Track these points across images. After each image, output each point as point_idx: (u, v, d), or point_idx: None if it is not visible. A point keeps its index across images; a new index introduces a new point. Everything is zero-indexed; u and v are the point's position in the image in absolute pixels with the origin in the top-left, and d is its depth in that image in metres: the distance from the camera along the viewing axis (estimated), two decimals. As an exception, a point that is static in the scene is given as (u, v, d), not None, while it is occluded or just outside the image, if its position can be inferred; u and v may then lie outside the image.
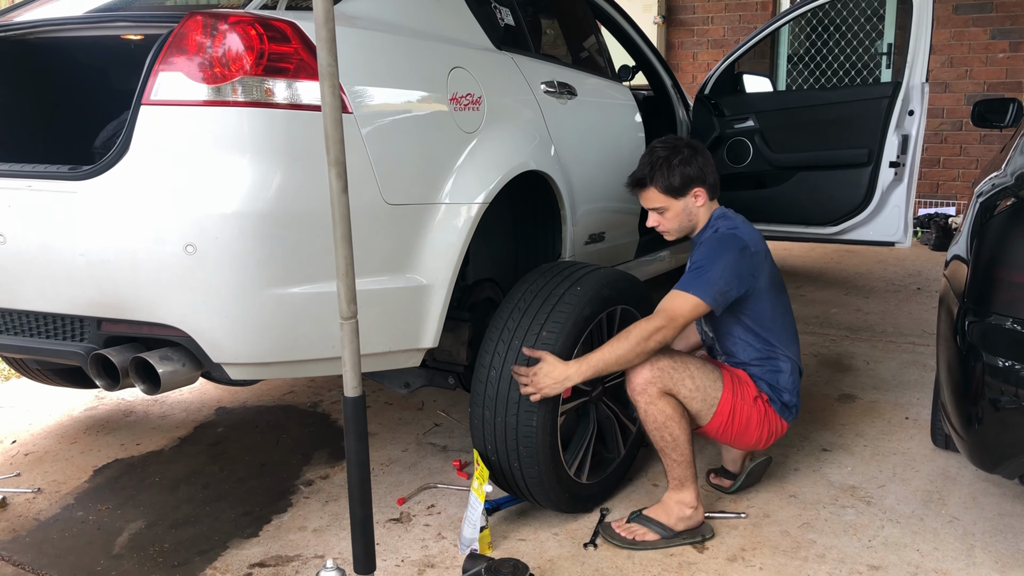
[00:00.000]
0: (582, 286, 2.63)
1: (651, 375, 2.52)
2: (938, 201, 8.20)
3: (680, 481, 2.59)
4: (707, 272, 2.54)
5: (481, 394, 2.58)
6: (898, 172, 4.22)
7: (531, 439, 2.51)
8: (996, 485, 2.90)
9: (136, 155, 2.05)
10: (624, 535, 2.57)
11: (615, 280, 2.75)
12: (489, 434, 2.58)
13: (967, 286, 2.37)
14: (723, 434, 2.68)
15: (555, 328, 2.53)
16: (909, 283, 6.03)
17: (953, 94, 7.99)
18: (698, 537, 2.59)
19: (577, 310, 2.58)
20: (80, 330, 2.23)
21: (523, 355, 2.51)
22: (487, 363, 2.58)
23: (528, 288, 2.66)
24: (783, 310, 2.77)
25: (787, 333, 2.76)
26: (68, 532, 2.73)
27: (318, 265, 2.14)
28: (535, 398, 2.47)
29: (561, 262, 2.84)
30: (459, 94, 2.59)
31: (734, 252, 2.58)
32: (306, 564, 2.52)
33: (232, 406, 3.82)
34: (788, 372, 2.73)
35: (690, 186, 2.68)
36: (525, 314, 2.59)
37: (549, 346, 2.51)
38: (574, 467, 2.69)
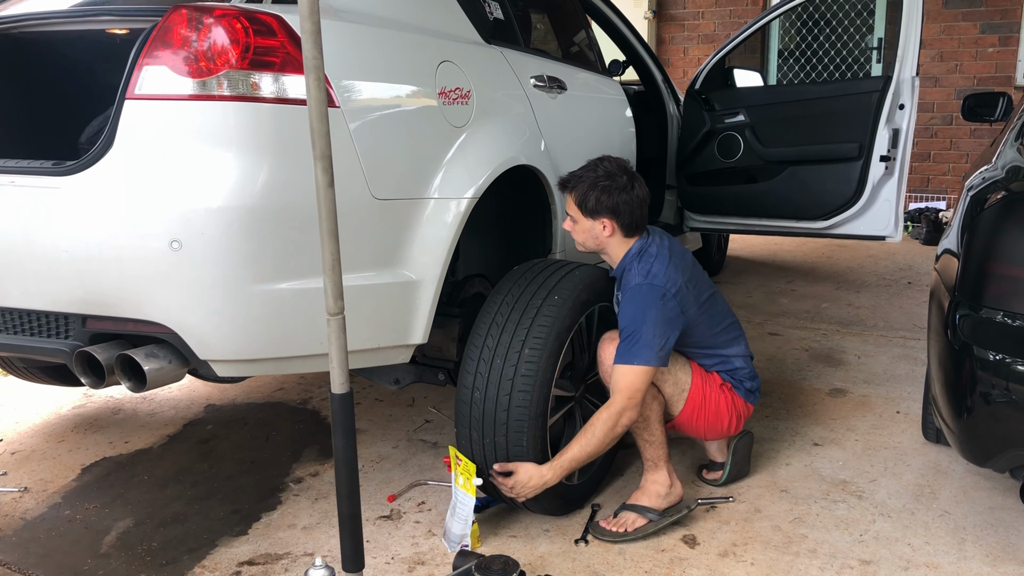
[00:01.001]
0: (560, 295, 2.57)
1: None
2: (929, 195, 8.22)
3: (654, 462, 2.65)
4: (640, 336, 2.48)
5: (466, 415, 2.54)
6: (889, 166, 4.21)
7: (522, 457, 2.49)
8: (987, 479, 2.90)
9: (121, 150, 2.03)
10: (615, 529, 2.57)
11: (590, 281, 2.68)
12: (479, 454, 2.54)
13: (958, 280, 2.36)
14: (696, 422, 2.72)
15: (537, 345, 2.48)
16: (900, 277, 6.03)
17: (943, 88, 8.00)
18: (683, 510, 2.64)
19: (557, 322, 2.52)
20: (65, 327, 2.21)
21: (507, 372, 2.46)
22: (470, 384, 2.52)
23: (504, 299, 2.59)
24: (719, 319, 2.78)
25: (729, 336, 2.81)
26: (55, 531, 2.71)
27: (306, 260, 2.12)
28: (513, 495, 2.49)
29: (533, 264, 2.75)
30: (448, 88, 2.57)
31: (656, 305, 2.51)
32: (295, 562, 2.51)
33: (221, 403, 3.80)
34: (741, 365, 2.82)
35: (600, 214, 2.62)
36: (504, 330, 2.52)
37: (533, 364, 2.44)
38: None
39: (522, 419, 2.46)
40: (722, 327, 2.79)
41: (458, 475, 2.51)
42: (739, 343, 2.83)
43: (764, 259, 6.73)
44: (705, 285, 2.76)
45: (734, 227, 4.78)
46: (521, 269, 2.73)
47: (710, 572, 2.41)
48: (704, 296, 2.72)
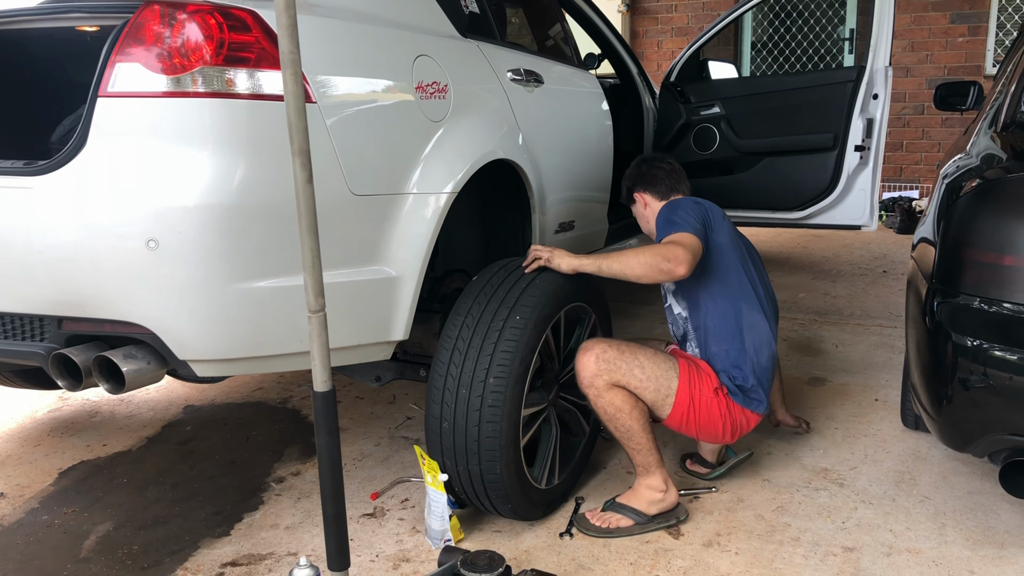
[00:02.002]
0: (521, 314, 2.46)
1: (597, 368, 2.50)
2: (902, 185, 8.29)
3: (645, 467, 2.59)
4: (674, 218, 2.60)
5: (438, 444, 2.48)
6: (863, 156, 4.25)
7: (497, 484, 2.44)
8: (966, 464, 2.93)
9: (94, 149, 1.99)
10: (599, 524, 2.57)
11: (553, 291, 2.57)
12: (454, 476, 2.50)
13: (935, 267, 2.38)
14: (687, 426, 2.63)
15: (502, 373, 2.40)
16: (875, 266, 6.09)
17: (915, 78, 8.07)
18: (672, 520, 2.59)
19: (521, 345, 2.43)
20: (40, 330, 2.17)
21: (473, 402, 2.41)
22: (438, 414, 2.46)
23: (464, 321, 2.49)
24: (748, 276, 2.72)
25: (757, 302, 2.70)
26: (33, 537, 2.67)
27: (284, 258, 2.10)
28: (550, 264, 2.58)
29: (491, 276, 2.61)
30: (425, 83, 2.55)
31: (687, 204, 2.70)
32: (279, 562, 2.49)
33: (200, 404, 3.77)
34: (750, 357, 2.65)
35: (632, 192, 2.94)
36: (467, 357, 2.44)
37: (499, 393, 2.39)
38: (544, 479, 2.64)
39: (494, 448, 2.41)
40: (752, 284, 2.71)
41: (426, 473, 2.50)
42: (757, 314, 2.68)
43: (741, 250, 6.75)
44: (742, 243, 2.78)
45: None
46: (479, 282, 2.59)
47: (695, 563, 2.42)
48: (738, 242, 2.76)
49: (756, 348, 2.67)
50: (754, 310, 2.69)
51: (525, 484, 2.53)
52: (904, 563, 2.38)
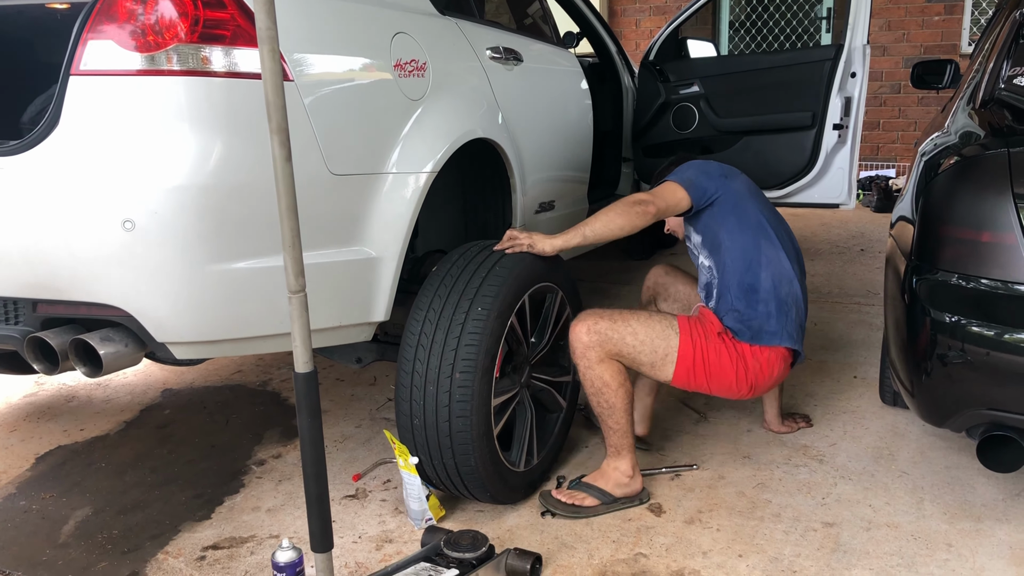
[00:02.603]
0: (483, 305, 2.41)
1: (588, 340, 2.50)
2: (879, 163, 8.34)
3: (616, 449, 2.59)
4: (682, 171, 2.72)
5: (411, 440, 2.46)
6: (841, 134, 4.26)
7: (473, 475, 2.43)
8: (943, 439, 2.96)
9: (67, 128, 1.96)
10: (565, 500, 2.56)
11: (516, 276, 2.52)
12: (431, 471, 2.49)
13: (913, 244, 2.40)
14: (695, 380, 2.58)
15: (468, 367, 2.38)
16: (853, 245, 6.12)
17: (891, 57, 8.10)
18: (636, 501, 2.61)
19: (485, 338, 2.40)
20: (14, 313, 2.14)
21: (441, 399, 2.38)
22: (408, 411, 2.45)
23: (426, 316, 2.45)
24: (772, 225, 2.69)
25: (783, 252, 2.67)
26: (10, 523, 2.64)
27: (263, 238, 2.08)
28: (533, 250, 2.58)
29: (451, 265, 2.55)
30: (403, 60, 2.52)
31: (697, 162, 2.81)
32: (261, 544, 2.48)
33: (179, 387, 3.74)
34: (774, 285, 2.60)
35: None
36: (431, 353, 2.40)
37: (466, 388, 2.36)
38: (521, 462, 2.64)
39: (466, 442, 2.40)
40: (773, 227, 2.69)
41: (398, 457, 2.49)
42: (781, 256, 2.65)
43: (720, 230, 6.77)
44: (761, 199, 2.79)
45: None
46: (439, 273, 2.53)
47: (677, 539, 2.43)
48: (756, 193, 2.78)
49: (775, 282, 2.62)
50: (773, 246, 2.66)
51: (502, 471, 2.53)
52: (883, 537, 2.40)
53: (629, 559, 2.34)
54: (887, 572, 2.24)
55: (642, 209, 2.56)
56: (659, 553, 2.37)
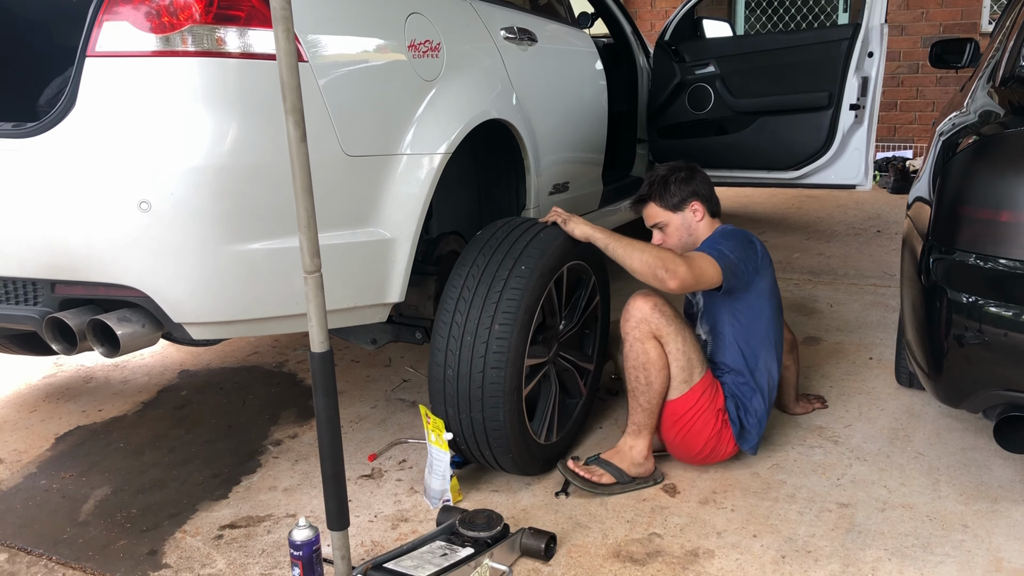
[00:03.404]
0: (527, 264, 2.49)
1: (650, 313, 2.51)
2: (896, 144, 8.27)
3: (638, 428, 2.59)
4: (718, 246, 2.60)
5: (440, 392, 2.50)
6: (858, 115, 4.22)
7: (500, 431, 2.47)
8: (959, 420, 2.95)
9: (83, 110, 1.96)
10: (583, 474, 2.56)
11: (556, 245, 2.60)
12: (455, 426, 2.51)
13: (931, 224, 2.38)
14: (672, 426, 2.63)
15: (507, 320, 2.43)
16: (869, 226, 6.08)
17: (909, 36, 8.02)
18: (650, 481, 2.63)
19: (526, 294, 2.46)
20: (33, 293, 2.16)
21: (478, 349, 2.43)
22: (442, 361, 2.48)
23: (470, 271, 2.52)
24: (776, 326, 2.75)
25: (774, 350, 2.74)
26: (32, 501, 2.67)
27: (278, 219, 2.08)
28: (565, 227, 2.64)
29: (496, 230, 2.64)
30: (417, 41, 2.52)
31: (742, 240, 2.67)
32: (278, 524, 2.50)
33: (195, 368, 3.76)
34: (762, 397, 2.69)
35: (688, 200, 2.76)
36: (472, 305, 2.47)
37: (504, 340, 2.41)
38: (543, 433, 2.67)
39: (497, 395, 2.43)
40: (774, 335, 2.73)
41: (429, 432, 2.51)
42: (773, 364, 2.72)
43: (735, 211, 6.76)
44: (778, 292, 2.81)
45: (706, 179, 4.78)
46: (484, 235, 2.64)
47: (691, 520, 2.43)
48: (776, 293, 2.78)
49: (764, 393, 2.70)
50: (772, 360, 2.73)
51: (526, 435, 2.55)
52: (898, 518, 2.40)
53: (643, 539, 2.35)
54: (902, 552, 2.24)
55: (666, 275, 2.46)
56: (673, 533, 2.37)
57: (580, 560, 2.26)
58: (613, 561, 2.25)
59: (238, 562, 2.31)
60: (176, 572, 2.28)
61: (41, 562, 2.35)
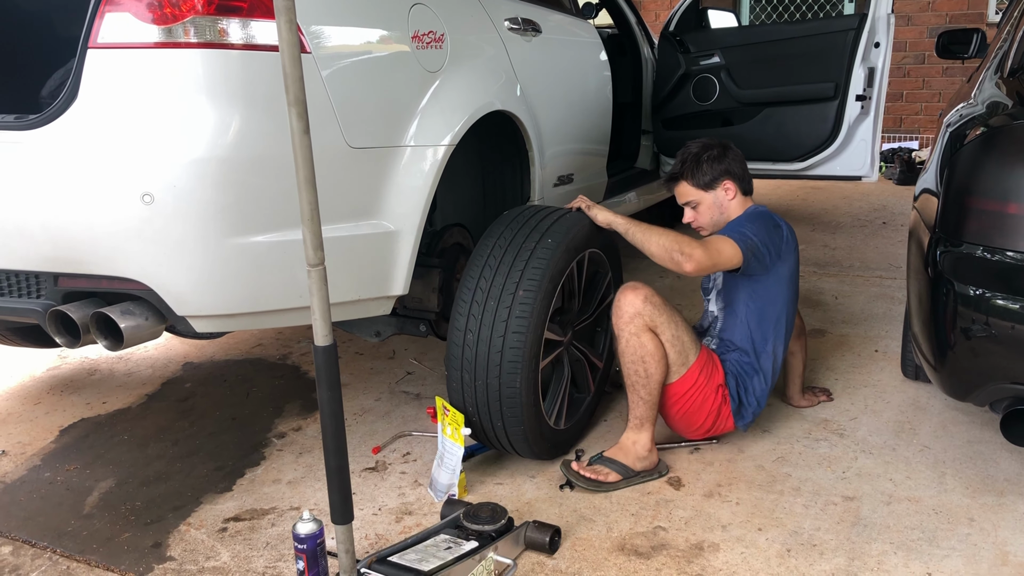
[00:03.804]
0: (552, 238, 2.56)
1: (642, 307, 2.53)
2: (901, 135, 8.23)
3: (640, 421, 2.59)
4: (741, 228, 2.63)
5: (458, 358, 2.53)
6: (864, 105, 4.20)
7: (515, 399, 2.48)
8: (965, 413, 2.94)
9: (85, 102, 1.95)
10: (588, 475, 2.56)
11: (581, 225, 2.68)
12: (469, 396, 2.54)
13: (938, 216, 2.36)
14: (672, 405, 2.66)
15: (531, 287, 2.47)
16: (875, 218, 6.06)
17: (915, 27, 7.97)
18: (655, 474, 2.62)
19: (551, 265, 2.51)
20: (36, 286, 2.15)
21: (500, 313, 2.47)
22: (462, 326, 2.51)
23: (496, 242, 2.58)
24: (789, 312, 2.79)
25: (784, 336, 2.77)
26: (36, 493, 2.68)
27: (281, 212, 2.07)
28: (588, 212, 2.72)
29: (524, 209, 2.75)
30: (421, 32, 2.50)
31: (767, 223, 2.69)
32: (282, 516, 2.50)
33: (199, 361, 3.76)
34: (764, 379, 2.73)
35: (720, 179, 2.77)
36: (497, 272, 2.51)
37: (527, 305, 2.45)
38: (553, 416, 2.68)
39: (516, 360, 2.45)
40: (787, 318, 2.76)
41: (445, 425, 2.50)
42: (780, 346, 2.76)
43: (739, 203, 6.73)
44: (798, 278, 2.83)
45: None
46: (512, 214, 2.71)
47: (696, 513, 2.43)
48: (796, 278, 2.80)
49: (767, 375, 2.74)
50: (780, 344, 2.77)
51: (539, 410, 2.57)
52: (904, 511, 2.39)
53: (648, 532, 2.34)
54: (908, 546, 2.23)
55: (682, 259, 2.50)
56: (678, 526, 2.37)
57: (585, 553, 2.26)
58: (618, 554, 2.25)
59: (242, 555, 2.31)
60: (180, 565, 2.28)
61: (45, 555, 2.35)
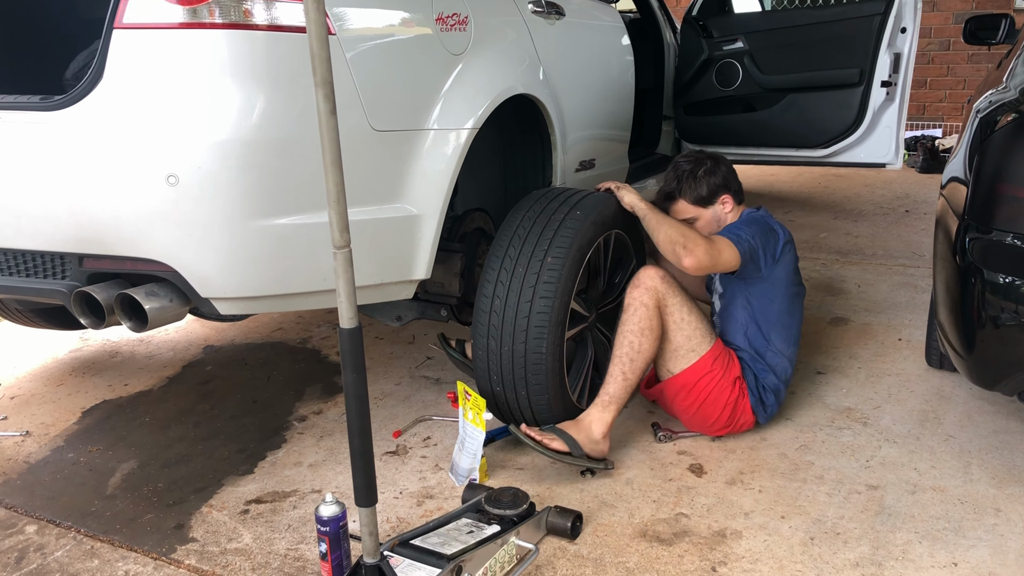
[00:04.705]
0: (581, 210, 2.58)
1: (659, 283, 2.56)
2: (925, 123, 8.14)
3: (610, 399, 2.54)
4: (738, 231, 2.64)
5: (485, 324, 2.54)
6: (890, 92, 4.15)
7: (540, 366, 2.49)
8: (991, 403, 2.91)
9: (111, 83, 1.95)
10: (534, 435, 2.47)
11: (608, 203, 2.70)
12: (495, 364, 2.54)
13: (967, 203, 2.33)
14: (685, 396, 2.64)
15: (559, 253, 2.49)
16: (897, 206, 6.00)
17: (941, 12, 7.86)
18: (601, 465, 2.54)
19: (579, 235, 2.53)
20: (61, 267, 2.16)
21: (528, 279, 2.49)
22: (490, 292, 2.53)
23: (526, 214, 2.61)
24: (795, 314, 2.78)
25: (789, 336, 2.76)
26: (60, 474, 2.69)
27: (305, 195, 2.07)
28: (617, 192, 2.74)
29: (553, 188, 2.77)
30: (445, 14, 2.48)
31: (763, 228, 2.69)
32: (303, 499, 2.50)
33: (220, 344, 3.77)
34: (776, 376, 2.73)
35: (717, 194, 2.80)
36: (526, 241, 2.53)
37: (555, 271, 2.48)
38: (576, 392, 2.67)
39: (543, 326, 2.46)
40: (789, 320, 2.76)
41: (467, 410, 2.49)
42: (789, 349, 2.77)
43: (761, 190, 6.69)
44: (800, 281, 2.83)
45: (732, 157, 4.68)
46: (540, 191, 2.73)
47: (718, 500, 2.42)
48: (797, 282, 2.80)
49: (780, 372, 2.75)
50: (788, 343, 2.77)
51: (563, 380, 2.58)
52: (929, 501, 2.37)
53: (670, 519, 2.33)
54: (933, 536, 2.21)
55: (683, 252, 2.53)
56: (700, 513, 2.35)
57: (606, 539, 2.25)
58: (639, 540, 2.24)
59: (264, 537, 2.32)
60: (203, 546, 2.29)
61: (70, 534, 2.36)
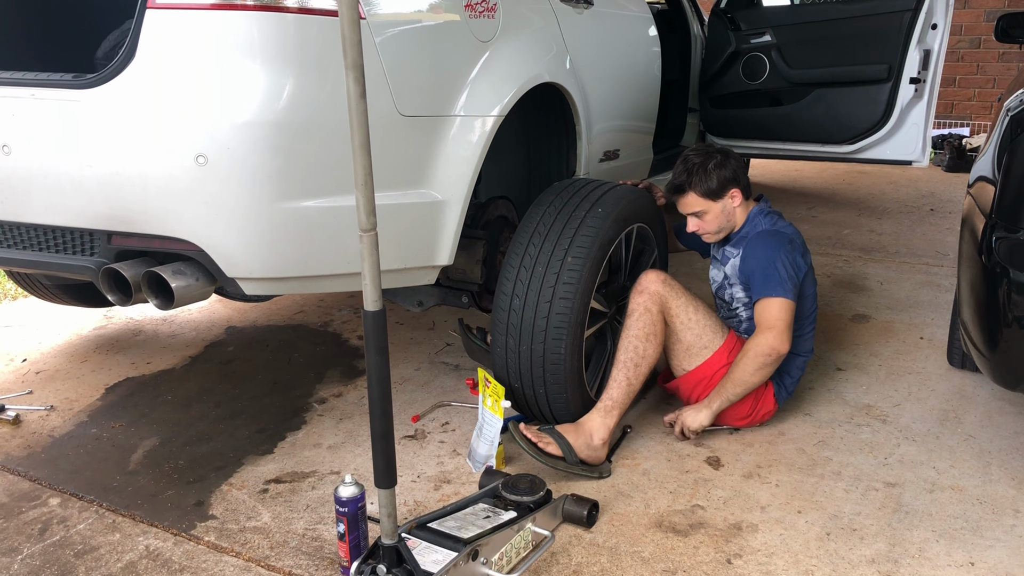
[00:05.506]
0: (603, 207, 2.57)
1: (661, 289, 2.57)
2: (953, 121, 8.06)
3: (612, 404, 2.52)
4: (775, 271, 2.63)
5: (504, 322, 2.54)
6: (918, 89, 4.12)
7: (559, 365, 2.49)
8: (1012, 404, 2.89)
9: (142, 62, 1.97)
10: (530, 437, 2.45)
11: (631, 198, 2.69)
12: (513, 362, 2.55)
13: (995, 202, 2.31)
14: (704, 390, 2.67)
15: (580, 253, 2.48)
16: (922, 204, 5.96)
17: (972, 10, 7.77)
18: (595, 473, 2.50)
19: (601, 233, 2.52)
20: (90, 244, 2.19)
21: (548, 279, 2.47)
22: (509, 291, 2.53)
23: (547, 210, 2.60)
24: (811, 298, 2.80)
25: (807, 326, 2.80)
26: (83, 448, 2.73)
27: (332, 178, 2.08)
28: (679, 418, 2.66)
29: (574, 180, 2.77)
30: (474, 1, 2.49)
31: (784, 247, 2.68)
32: (322, 480, 2.53)
33: (242, 325, 3.80)
34: (795, 364, 2.79)
35: (727, 187, 2.76)
36: (547, 239, 2.52)
37: (575, 271, 2.46)
38: (594, 388, 2.68)
39: (562, 326, 2.46)
40: (809, 310, 2.80)
41: (486, 397, 2.51)
42: (808, 340, 2.82)
43: (784, 185, 6.65)
44: (812, 268, 2.84)
45: (757, 151, 4.70)
46: (562, 184, 2.72)
47: (735, 493, 2.42)
48: (811, 267, 2.81)
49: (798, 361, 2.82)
50: (801, 335, 2.79)
51: (581, 379, 2.59)
52: (947, 500, 2.36)
53: (686, 510, 2.34)
54: (951, 535, 2.21)
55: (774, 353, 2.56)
56: (716, 506, 2.36)
57: (622, 528, 2.26)
58: (655, 531, 2.25)
59: (283, 516, 2.34)
60: (222, 524, 2.32)
61: (92, 508, 2.40)
